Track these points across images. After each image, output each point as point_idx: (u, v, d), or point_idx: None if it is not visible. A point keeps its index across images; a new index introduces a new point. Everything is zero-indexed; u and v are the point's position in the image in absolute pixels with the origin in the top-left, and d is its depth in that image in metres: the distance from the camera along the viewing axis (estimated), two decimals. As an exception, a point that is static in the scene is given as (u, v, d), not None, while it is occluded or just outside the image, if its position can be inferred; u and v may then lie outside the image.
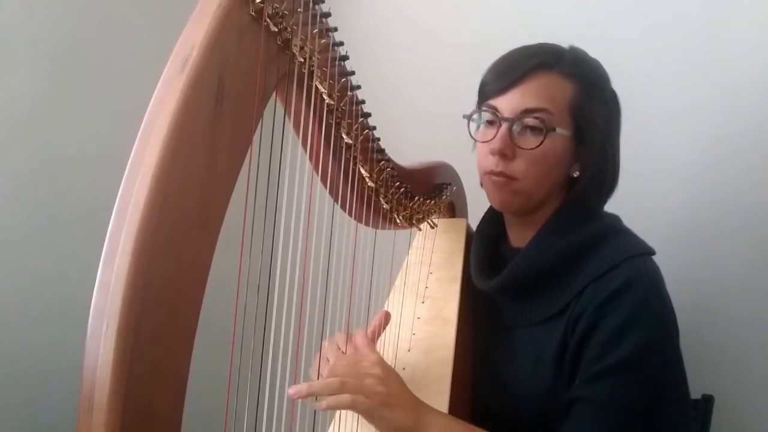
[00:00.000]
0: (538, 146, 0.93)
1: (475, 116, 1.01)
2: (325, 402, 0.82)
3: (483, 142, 0.99)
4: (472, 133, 1.02)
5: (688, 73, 1.36)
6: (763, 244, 1.24)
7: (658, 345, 0.88)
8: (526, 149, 0.94)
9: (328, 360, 0.94)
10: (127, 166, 0.58)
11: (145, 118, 0.59)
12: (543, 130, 0.93)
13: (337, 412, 0.97)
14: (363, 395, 0.82)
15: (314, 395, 0.82)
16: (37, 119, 1.50)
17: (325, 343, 0.97)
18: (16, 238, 1.48)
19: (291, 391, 0.79)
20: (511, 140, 0.95)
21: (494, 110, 0.97)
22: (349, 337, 0.97)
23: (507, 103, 0.96)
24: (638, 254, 0.94)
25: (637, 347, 0.85)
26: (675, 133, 1.37)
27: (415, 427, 0.84)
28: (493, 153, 0.96)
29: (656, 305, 0.89)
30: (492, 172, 0.98)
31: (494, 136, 0.96)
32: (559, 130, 0.94)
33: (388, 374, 0.86)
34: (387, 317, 1.01)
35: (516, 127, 0.95)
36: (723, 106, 1.32)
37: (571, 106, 0.95)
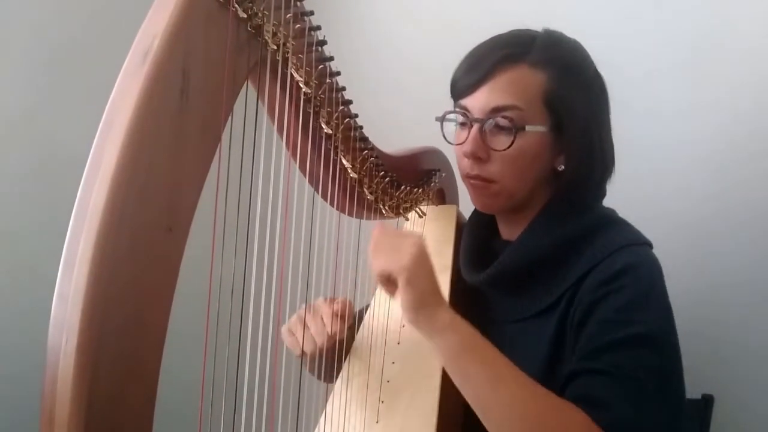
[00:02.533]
0: (508, 147, 0.90)
1: (448, 117, 0.97)
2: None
3: (457, 144, 0.96)
4: (447, 136, 0.98)
5: (690, 70, 1.34)
6: (763, 243, 1.23)
7: (661, 330, 0.85)
8: (498, 150, 0.91)
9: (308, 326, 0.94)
10: (86, 167, 0.54)
11: (104, 114, 0.56)
12: (512, 129, 0.89)
13: (322, 416, 0.95)
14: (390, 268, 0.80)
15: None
16: (36, 119, 1.48)
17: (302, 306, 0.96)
18: (15, 238, 1.45)
19: None
20: (483, 142, 0.91)
21: (465, 111, 0.93)
22: (330, 301, 0.97)
23: (476, 102, 0.91)
24: (636, 243, 0.91)
25: (640, 329, 0.82)
26: (675, 131, 1.35)
27: (435, 308, 0.81)
28: (466, 156, 0.93)
29: (658, 291, 0.87)
30: (468, 176, 0.95)
31: (466, 139, 0.92)
32: (530, 127, 0.90)
33: (422, 257, 0.82)
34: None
35: (487, 127, 0.91)
36: (724, 103, 1.30)
37: (545, 98, 0.90)
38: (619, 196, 1.01)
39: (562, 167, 0.95)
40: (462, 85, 0.94)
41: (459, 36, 1.00)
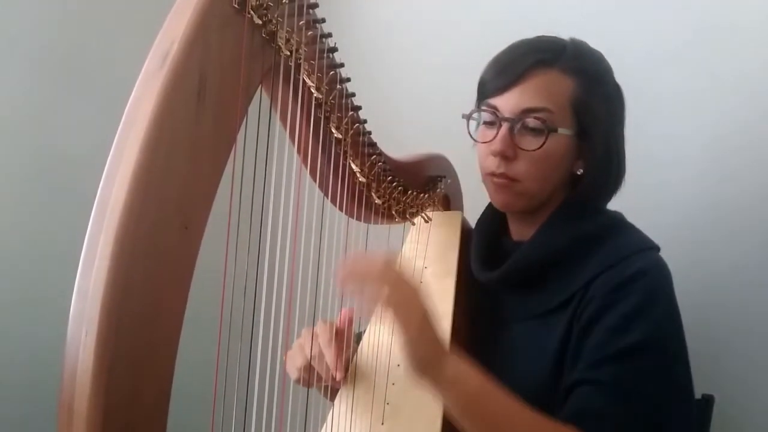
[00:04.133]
0: (539, 147, 0.92)
1: (474, 115, 1.00)
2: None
3: (483, 142, 0.98)
4: (472, 133, 1.01)
5: (693, 70, 1.34)
6: (764, 244, 1.24)
7: (667, 335, 0.87)
8: (527, 150, 0.93)
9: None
10: (106, 166, 0.56)
11: (124, 115, 0.57)
12: (544, 130, 0.92)
13: (329, 416, 0.96)
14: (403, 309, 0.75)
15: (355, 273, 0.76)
16: (37, 119, 1.50)
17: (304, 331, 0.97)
18: (15, 238, 1.46)
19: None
20: (512, 141, 0.94)
21: (494, 110, 0.95)
22: (331, 326, 0.96)
23: (507, 102, 0.94)
24: (647, 248, 0.93)
25: (646, 334, 0.84)
26: (677, 132, 1.36)
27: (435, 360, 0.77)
28: (494, 154, 0.95)
29: (666, 297, 0.89)
30: (493, 174, 0.97)
31: (494, 137, 0.94)
32: (561, 130, 0.93)
33: (428, 320, 0.78)
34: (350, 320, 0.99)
35: (517, 128, 0.93)
36: (726, 103, 1.30)
37: (572, 103, 0.93)
38: (622, 197, 1.03)
39: (581, 171, 0.98)
40: (493, 86, 0.96)
41: (462, 43, 1.02)
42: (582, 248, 0.94)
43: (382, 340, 1.03)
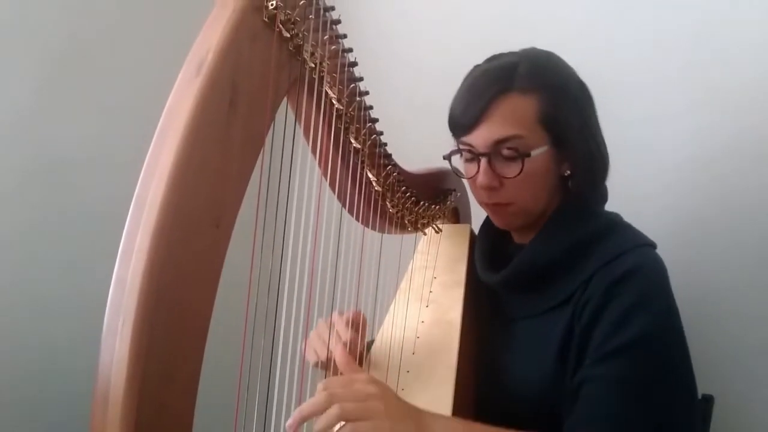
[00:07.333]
0: (519, 173, 0.95)
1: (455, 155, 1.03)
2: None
3: (469, 178, 1.02)
4: (457, 170, 1.05)
5: (687, 70, 1.36)
6: (763, 243, 1.25)
7: (667, 326, 0.90)
8: (509, 177, 0.96)
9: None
10: (144, 166, 0.59)
11: (161, 119, 0.61)
12: (519, 157, 0.94)
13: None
14: (364, 419, 0.74)
15: (309, 418, 0.74)
16: (37, 119, 1.51)
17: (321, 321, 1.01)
18: (16, 237, 1.49)
19: (288, 422, 0.73)
20: (493, 172, 0.97)
21: (469, 147, 0.99)
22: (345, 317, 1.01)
23: (478, 138, 0.96)
24: (643, 245, 0.97)
25: (647, 327, 0.87)
26: (674, 131, 1.37)
27: None
28: (481, 188, 0.99)
29: (663, 291, 0.92)
30: (487, 204, 1.02)
31: (477, 172, 0.98)
32: (534, 152, 0.95)
33: (383, 389, 0.80)
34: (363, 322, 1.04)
35: (494, 159, 0.96)
36: (721, 103, 1.32)
37: (541, 120, 0.95)
38: (619, 197, 1.06)
39: (568, 172, 1.01)
40: (461, 124, 0.98)
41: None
42: (580, 250, 0.97)
43: (392, 346, 1.06)
